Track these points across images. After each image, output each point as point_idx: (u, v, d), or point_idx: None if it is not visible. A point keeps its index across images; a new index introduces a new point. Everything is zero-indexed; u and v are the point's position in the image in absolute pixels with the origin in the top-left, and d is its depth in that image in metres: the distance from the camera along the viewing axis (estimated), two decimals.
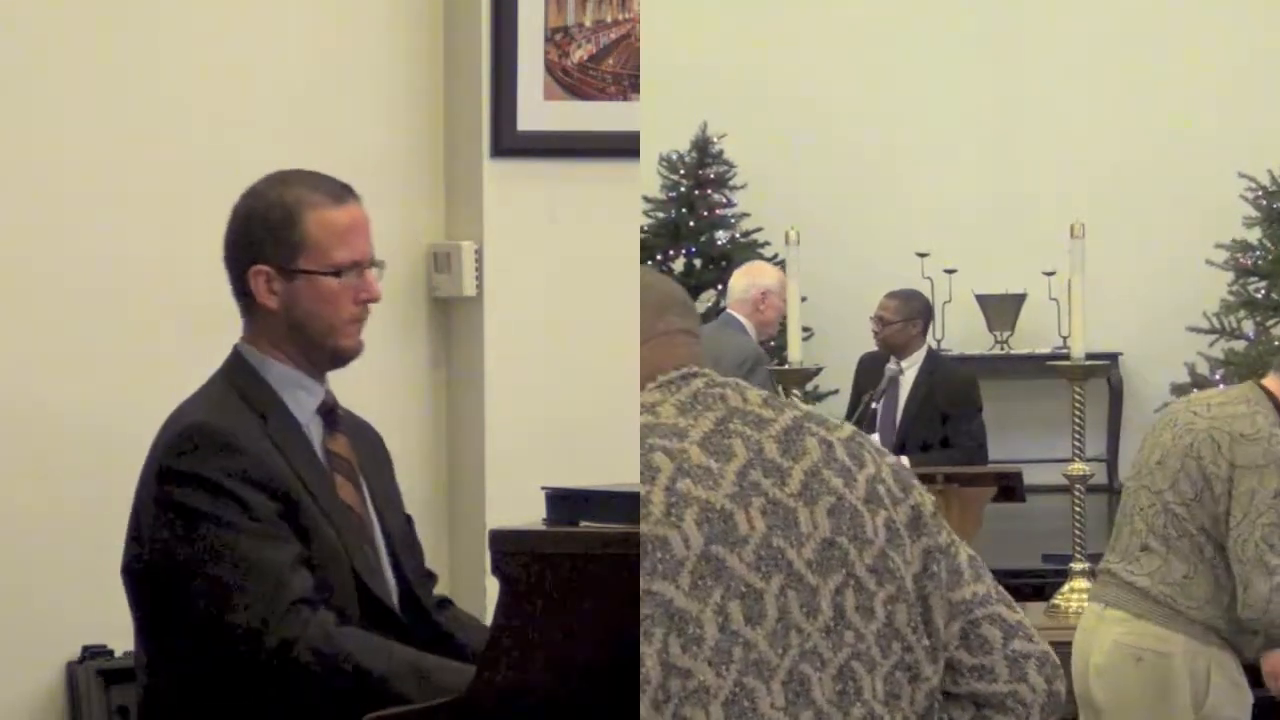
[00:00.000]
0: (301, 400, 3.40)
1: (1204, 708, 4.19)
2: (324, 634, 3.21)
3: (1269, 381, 4.34)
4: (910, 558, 1.68)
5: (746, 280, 7.11)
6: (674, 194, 9.76)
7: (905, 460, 6.81)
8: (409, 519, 3.61)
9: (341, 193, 3.41)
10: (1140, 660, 4.21)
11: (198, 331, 3.48)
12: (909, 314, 7.17)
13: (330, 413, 3.44)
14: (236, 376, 3.39)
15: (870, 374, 7.27)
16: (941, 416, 7.05)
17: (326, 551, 3.30)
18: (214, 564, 3.21)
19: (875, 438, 6.97)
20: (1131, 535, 4.27)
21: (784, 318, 7.01)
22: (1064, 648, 4.50)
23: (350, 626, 3.28)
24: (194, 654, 3.26)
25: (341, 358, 3.42)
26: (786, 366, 5.96)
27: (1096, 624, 4.32)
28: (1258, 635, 4.20)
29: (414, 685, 3.18)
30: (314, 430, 3.40)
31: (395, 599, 3.41)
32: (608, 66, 5.01)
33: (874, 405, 6.84)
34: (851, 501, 1.68)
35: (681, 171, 9.81)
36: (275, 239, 3.35)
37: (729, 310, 7.16)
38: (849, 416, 7.08)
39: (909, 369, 7.11)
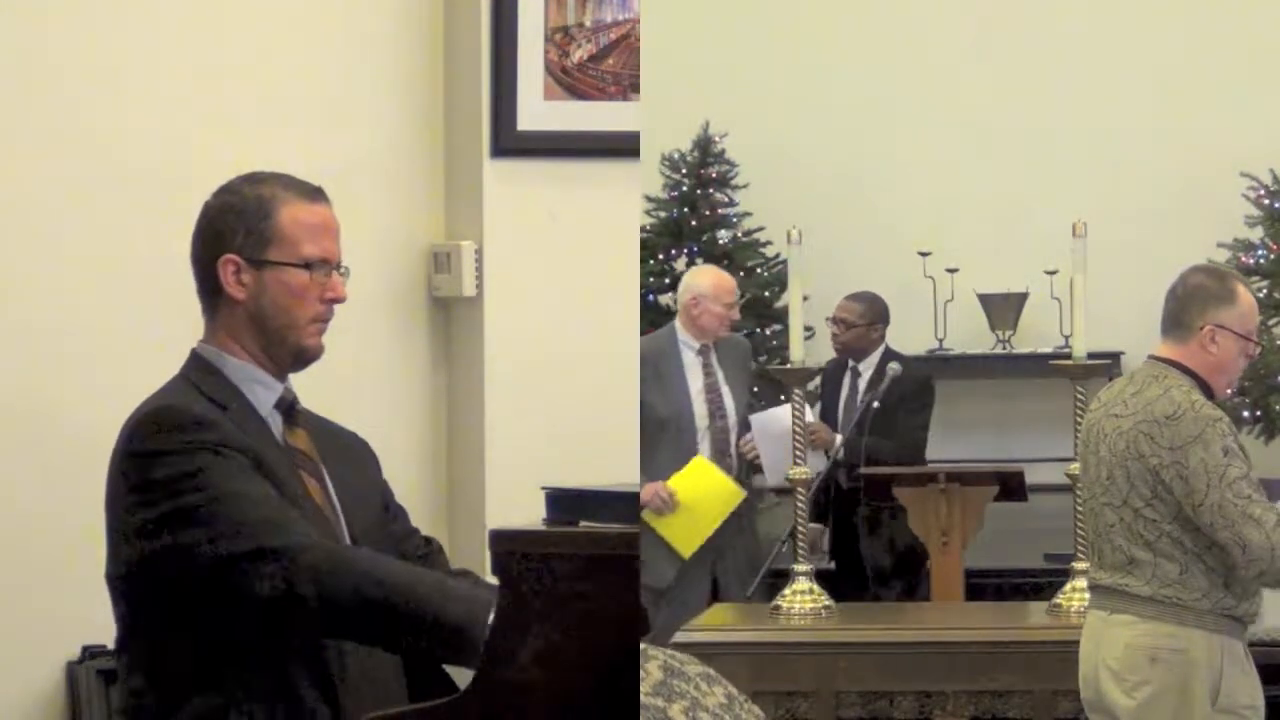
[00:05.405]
0: (259, 395, 3.39)
1: (1219, 699, 4.17)
2: (329, 549, 3.18)
3: (1163, 351, 4.32)
4: None
5: (682, 285, 6.75)
6: (676, 193, 9.75)
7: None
8: (397, 508, 3.59)
9: (314, 192, 3.42)
10: (1155, 660, 4.17)
11: (199, 333, 3.46)
12: (873, 317, 7.07)
13: (290, 408, 3.43)
14: (193, 373, 3.40)
15: (833, 379, 7.10)
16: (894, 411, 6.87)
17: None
18: (206, 507, 3.18)
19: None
20: (1114, 552, 4.23)
21: (725, 323, 6.86)
22: (1067, 647, 4.49)
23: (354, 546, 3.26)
24: (191, 633, 3.22)
25: (303, 358, 3.41)
26: (788, 366, 5.94)
27: (1103, 629, 4.27)
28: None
29: (435, 592, 3.10)
30: (273, 425, 3.40)
31: None
32: (608, 66, 5.01)
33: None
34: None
35: (683, 170, 9.79)
36: (247, 229, 3.35)
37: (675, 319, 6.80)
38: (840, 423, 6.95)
39: (865, 371, 7.00)
